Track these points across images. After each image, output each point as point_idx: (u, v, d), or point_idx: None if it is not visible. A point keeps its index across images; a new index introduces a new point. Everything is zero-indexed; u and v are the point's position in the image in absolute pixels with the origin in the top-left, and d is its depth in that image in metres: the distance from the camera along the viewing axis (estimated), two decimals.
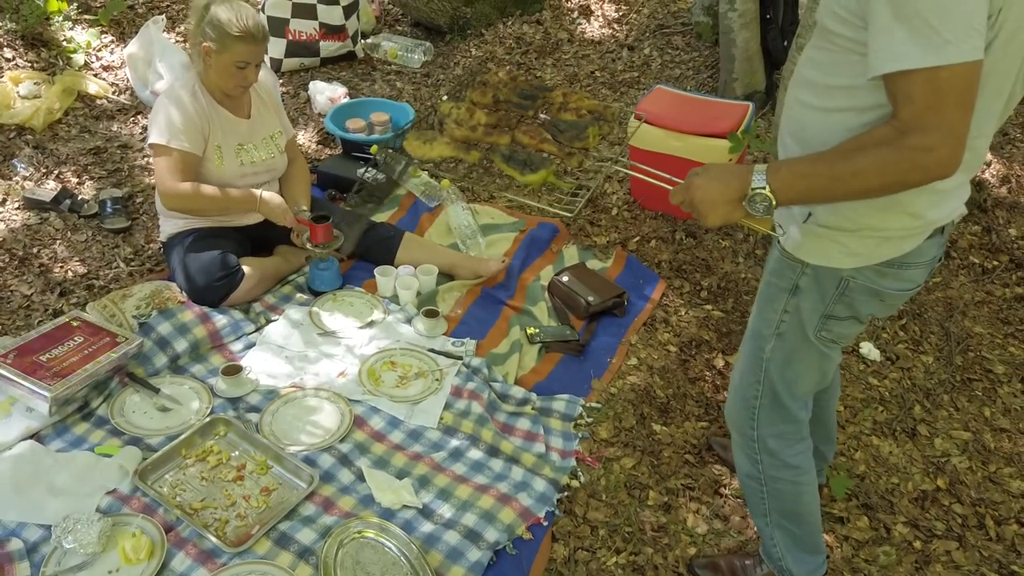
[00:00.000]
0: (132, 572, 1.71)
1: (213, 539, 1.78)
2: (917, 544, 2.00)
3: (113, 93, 3.76)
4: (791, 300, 1.44)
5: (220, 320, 2.42)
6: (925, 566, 1.95)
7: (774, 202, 1.21)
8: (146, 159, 3.35)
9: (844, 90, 1.21)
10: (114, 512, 1.85)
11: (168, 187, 2.42)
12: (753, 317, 1.57)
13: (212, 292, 2.45)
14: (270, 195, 2.54)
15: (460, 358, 2.43)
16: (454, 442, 2.15)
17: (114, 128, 3.55)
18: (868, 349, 2.61)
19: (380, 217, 3.07)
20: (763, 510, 1.71)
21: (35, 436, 2.04)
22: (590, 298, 2.63)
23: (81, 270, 2.74)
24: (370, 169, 3.22)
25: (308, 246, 2.58)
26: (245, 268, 2.52)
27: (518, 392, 2.34)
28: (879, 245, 1.32)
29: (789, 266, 1.42)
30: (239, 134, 2.55)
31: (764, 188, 1.20)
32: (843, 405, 2.41)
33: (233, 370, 2.24)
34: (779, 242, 1.44)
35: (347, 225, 2.72)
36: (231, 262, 2.49)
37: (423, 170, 2.91)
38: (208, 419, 2.10)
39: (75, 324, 2.24)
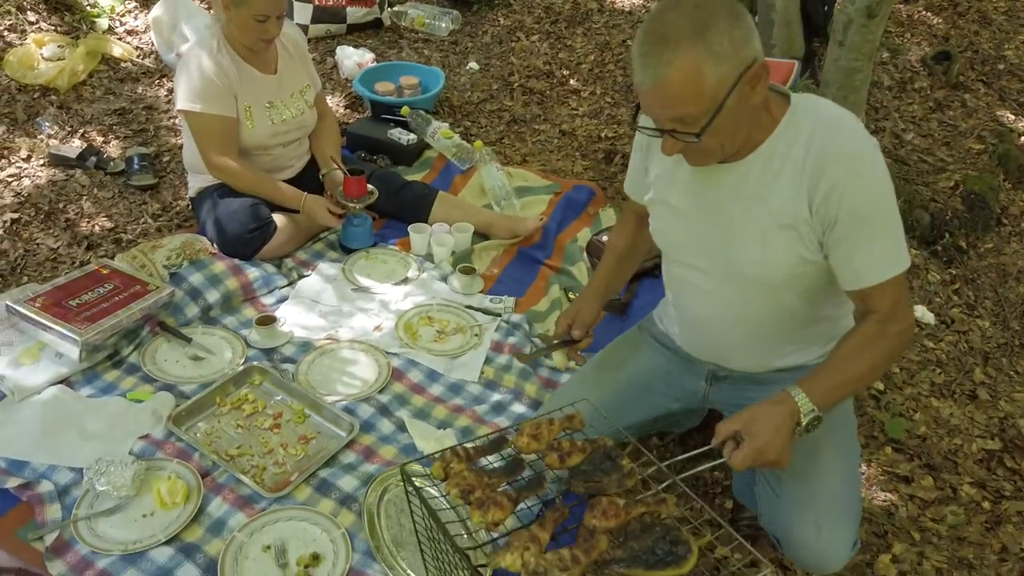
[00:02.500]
0: (167, 516, 1.63)
1: (251, 484, 1.70)
2: (986, 504, 1.90)
3: (138, 57, 3.69)
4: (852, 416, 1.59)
5: (252, 272, 2.34)
6: (996, 526, 1.85)
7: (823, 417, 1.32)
8: (172, 120, 3.28)
9: (827, 302, 1.44)
10: (148, 457, 1.77)
11: (216, 161, 2.35)
12: (836, 448, 1.45)
13: (244, 244, 2.37)
14: (315, 201, 2.44)
15: (499, 315, 2.35)
16: (496, 396, 2.07)
17: (139, 90, 3.49)
18: (922, 312, 2.50)
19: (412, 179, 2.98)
20: None
21: (65, 382, 1.97)
22: None
23: (108, 225, 2.67)
24: (401, 130, 3.14)
25: (341, 200, 2.49)
26: (277, 221, 2.44)
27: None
28: None
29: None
30: (267, 91, 2.46)
31: (815, 410, 1.29)
32: (899, 367, 2.30)
33: (267, 320, 2.17)
34: None
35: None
36: (263, 214, 2.41)
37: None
38: (243, 367, 2.03)
39: (104, 271, 2.17)
